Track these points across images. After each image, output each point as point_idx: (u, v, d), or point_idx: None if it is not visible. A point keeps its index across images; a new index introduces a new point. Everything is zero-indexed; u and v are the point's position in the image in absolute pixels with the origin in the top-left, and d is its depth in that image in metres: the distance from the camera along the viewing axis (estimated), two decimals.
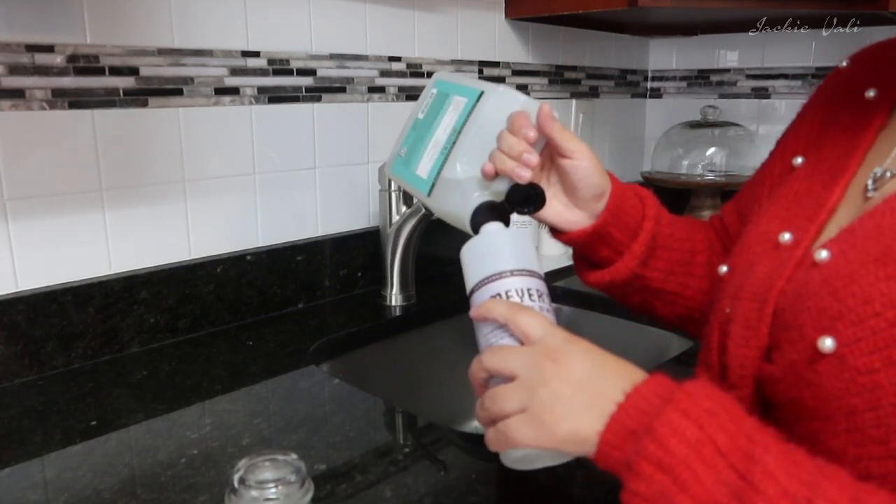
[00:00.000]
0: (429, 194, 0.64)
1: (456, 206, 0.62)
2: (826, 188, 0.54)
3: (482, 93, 0.63)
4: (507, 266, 0.53)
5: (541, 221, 0.66)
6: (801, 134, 0.64)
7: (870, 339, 0.42)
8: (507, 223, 0.59)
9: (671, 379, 0.45)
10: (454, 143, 0.63)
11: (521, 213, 0.60)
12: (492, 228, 0.58)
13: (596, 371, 0.46)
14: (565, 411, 0.44)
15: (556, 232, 0.67)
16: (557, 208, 0.65)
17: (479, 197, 0.60)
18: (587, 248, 0.67)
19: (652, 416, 0.42)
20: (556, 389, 0.45)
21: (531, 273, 0.54)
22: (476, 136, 0.62)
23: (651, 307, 0.71)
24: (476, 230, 0.59)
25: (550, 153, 0.63)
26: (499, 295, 0.52)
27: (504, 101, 0.62)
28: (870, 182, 0.51)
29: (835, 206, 0.53)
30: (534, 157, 0.58)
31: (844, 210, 0.52)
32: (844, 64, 0.64)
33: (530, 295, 0.52)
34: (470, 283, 0.55)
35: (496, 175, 0.59)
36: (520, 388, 0.46)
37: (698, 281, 0.69)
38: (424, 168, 0.65)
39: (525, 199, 0.59)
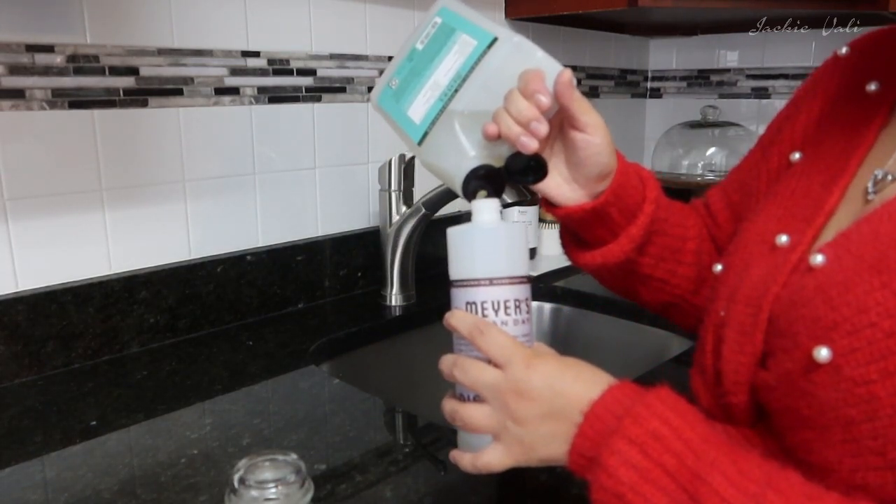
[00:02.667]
0: (419, 143, 0.59)
1: (448, 164, 0.57)
2: (825, 189, 0.53)
3: (495, 39, 0.56)
4: (487, 273, 0.51)
5: (535, 191, 0.62)
6: (798, 127, 0.62)
7: (866, 350, 0.41)
8: (500, 192, 0.55)
9: (630, 388, 0.46)
10: (456, 91, 0.57)
11: (518, 182, 0.57)
12: (483, 217, 0.53)
13: (556, 396, 0.47)
14: (534, 442, 0.48)
15: (548, 204, 0.63)
16: (556, 180, 0.61)
17: (475, 158, 0.56)
18: (581, 226, 0.63)
19: (605, 439, 0.44)
20: (523, 424, 0.47)
21: (512, 280, 0.51)
22: (482, 88, 0.56)
23: (635, 292, 0.69)
24: (467, 196, 0.55)
25: (560, 120, 0.58)
26: (473, 304, 0.51)
27: (519, 53, 0.56)
28: (870, 184, 0.50)
29: (833, 209, 0.51)
30: (543, 127, 0.53)
31: (843, 212, 0.51)
32: (844, 51, 0.61)
33: (506, 308, 0.51)
34: (451, 272, 0.53)
35: (498, 137, 0.55)
36: (490, 416, 0.49)
37: (686, 269, 0.67)
38: (418, 111, 0.59)
39: (525, 169, 0.55)
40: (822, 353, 0.42)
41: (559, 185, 0.61)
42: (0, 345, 0.83)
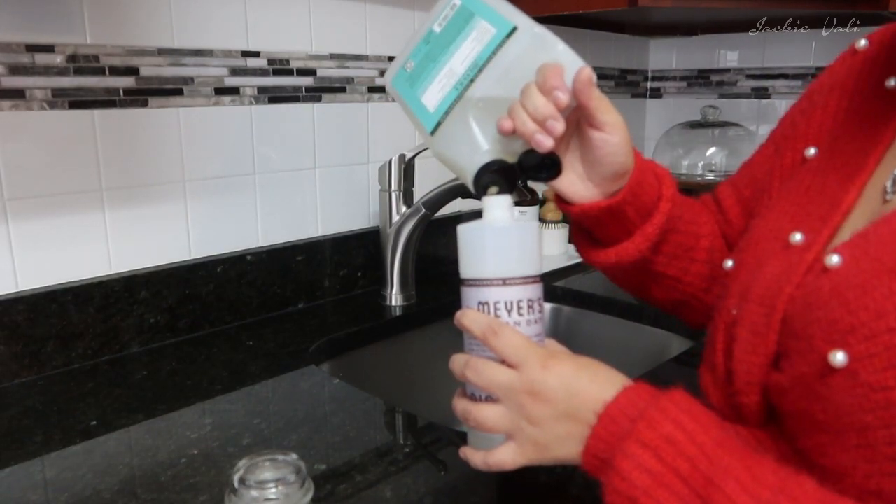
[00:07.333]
0: (432, 132, 0.58)
1: (461, 156, 0.56)
2: (841, 186, 0.51)
3: (515, 28, 0.54)
4: (500, 272, 0.50)
5: (549, 187, 0.61)
6: (813, 122, 0.60)
7: (883, 356, 0.40)
8: (513, 188, 0.54)
9: (645, 390, 0.46)
10: (472, 80, 0.55)
11: (531, 179, 0.56)
12: (496, 215, 0.51)
13: (572, 397, 0.47)
14: (549, 442, 0.47)
15: (562, 201, 0.62)
16: (571, 178, 0.59)
17: (488, 152, 0.55)
18: (595, 224, 0.62)
19: (619, 442, 0.43)
20: (538, 424, 0.47)
21: (526, 280, 0.50)
22: (499, 80, 0.55)
23: (647, 291, 0.68)
24: (478, 190, 0.54)
25: (577, 117, 0.56)
26: (486, 304, 0.50)
27: (539, 45, 0.54)
28: (889, 184, 0.48)
29: (850, 207, 0.50)
30: (559, 125, 0.52)
31: (860, 212, 0.49)
32: (863, 43, 0.59)
33: (519, 309, 0.50)
34: (462, 270, 0.52)
35: (513, 133, 0.53)
36: (504, 416, 0.49)
37: (699, 266, 0.65)
38: (432, 98, 0.58)
39: (538, 166, 0.54)
40: (838, 358, 0.41)
41: (573, 182, 0.59)
42: (0, 345, 0.83)
